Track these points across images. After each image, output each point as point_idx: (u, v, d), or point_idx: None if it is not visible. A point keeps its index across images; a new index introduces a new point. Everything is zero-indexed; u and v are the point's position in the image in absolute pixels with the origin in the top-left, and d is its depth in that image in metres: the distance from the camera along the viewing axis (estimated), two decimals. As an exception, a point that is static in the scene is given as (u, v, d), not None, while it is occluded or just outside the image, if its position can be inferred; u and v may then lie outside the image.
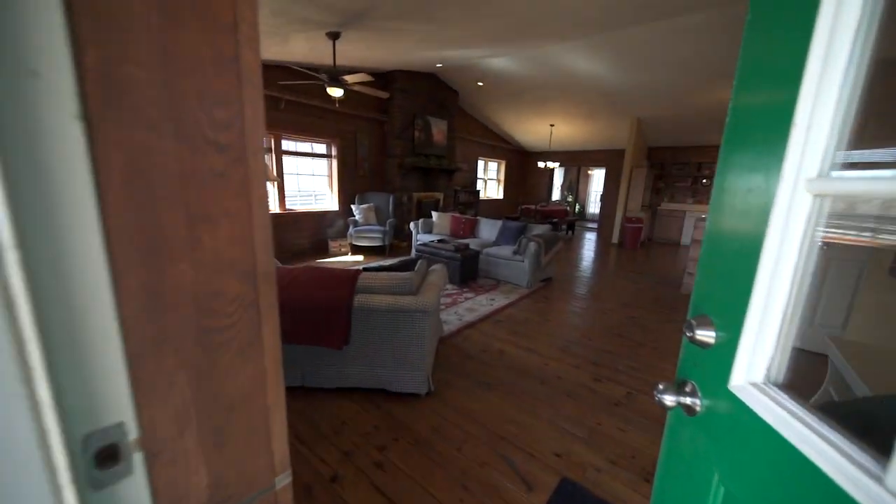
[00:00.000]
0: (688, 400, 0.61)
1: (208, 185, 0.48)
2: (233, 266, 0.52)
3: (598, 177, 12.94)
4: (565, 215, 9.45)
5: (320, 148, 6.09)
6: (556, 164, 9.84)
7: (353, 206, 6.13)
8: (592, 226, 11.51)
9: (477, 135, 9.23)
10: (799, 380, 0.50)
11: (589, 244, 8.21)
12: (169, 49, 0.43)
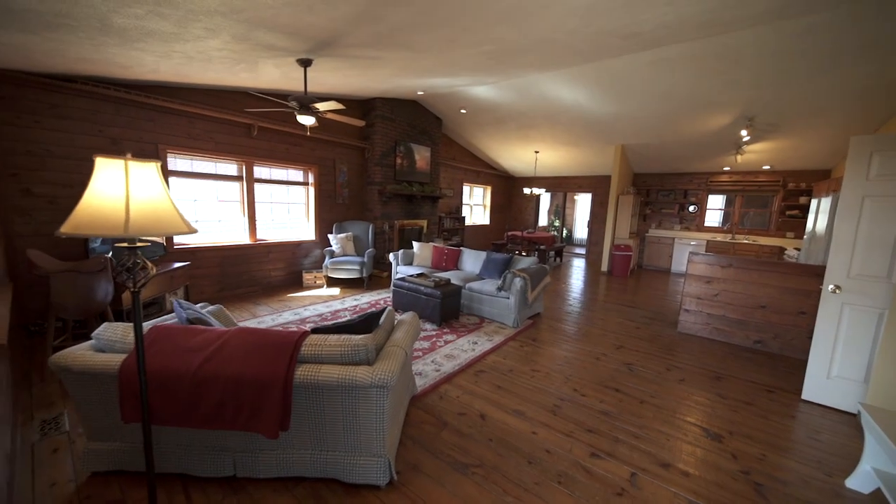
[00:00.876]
0: None
1: None
2: None
3: (585, 200, 12.90)
4: (553, 242, 9.24)
5: (297, 175, 5.80)
6: (542, 189, 9.73)
7: (329, 236, 5.79)
8: (580, 251, 11.33)
9: (462, 161, 9.10)
10: None
11: (578, 272, 7.96)
12: None
